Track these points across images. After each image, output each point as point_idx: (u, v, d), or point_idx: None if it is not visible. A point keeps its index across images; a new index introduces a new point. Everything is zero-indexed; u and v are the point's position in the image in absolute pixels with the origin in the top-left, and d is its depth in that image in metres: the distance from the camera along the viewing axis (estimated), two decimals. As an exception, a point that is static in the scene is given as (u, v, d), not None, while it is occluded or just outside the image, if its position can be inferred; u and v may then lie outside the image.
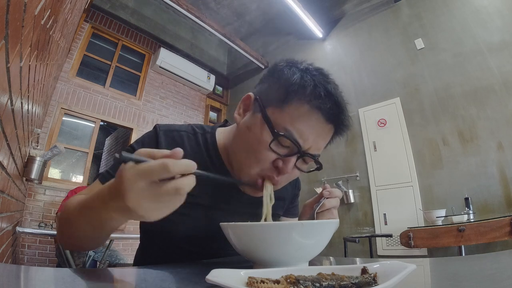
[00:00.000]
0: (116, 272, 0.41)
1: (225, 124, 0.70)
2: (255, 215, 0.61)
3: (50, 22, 1.13)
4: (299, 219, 0.59)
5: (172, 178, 0.33)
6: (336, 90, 0.50)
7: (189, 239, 0.58)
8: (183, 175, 0.33)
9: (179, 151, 0.34)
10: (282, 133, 0.48)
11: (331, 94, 0.48)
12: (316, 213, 0.52)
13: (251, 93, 0.57)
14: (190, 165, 0.33)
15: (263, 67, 4.49)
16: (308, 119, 0.48)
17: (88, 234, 0.45)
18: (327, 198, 0.52)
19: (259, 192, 0.53)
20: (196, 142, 0.61)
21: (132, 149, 0.58)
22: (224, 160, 0.61)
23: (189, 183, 0.33)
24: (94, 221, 0.41)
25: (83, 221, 0.43)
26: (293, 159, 0.50)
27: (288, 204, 0.77)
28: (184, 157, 0.34)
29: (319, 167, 0.54)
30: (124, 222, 0.40)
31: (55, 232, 1.92)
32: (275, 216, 0.71)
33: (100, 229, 0.42)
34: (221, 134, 0.64)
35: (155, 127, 0.61)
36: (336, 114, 0.49)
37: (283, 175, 0.51)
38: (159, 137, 0.58)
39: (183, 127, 0.63)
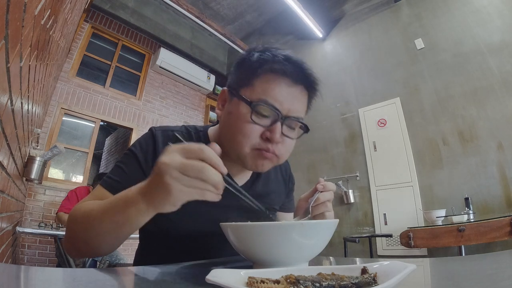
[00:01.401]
0: (116, 272, 0.41)
1: (217, 124, 0.72)
2: (253, 210, 0.62)
3: (50, 22, 1.13)
4: (294, 214, 0.61)
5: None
6: (295, 55, 0.55)
7: (188, 236, 0.59)
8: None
9: (217, 148, 0.38)
10: (257, 102, 0.52)
11: (290, 58, 0.54)
12: (311, 207, 0.53)
13: (224, 88, 0.61)
14: (220, 176, 0.37)
15: (263, 67, 4.48)
16: (277, 85, 0.53)
17: (110, 234, 0.45)
18: (321, 191, 0.53)
19: (262, 161, 0.55)
20: (190, 141, 0.63)
21: (131, 153, 0.59)
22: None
23: (216, 177, 0.36)
24: (119, 218, 0.42)
25: (107, 221, 0.43)
26: (278, 126, 0.53)
27: (284, 199, 0.78)
28: None
29: (306, 130, 0.58)
30: (147, 217, 0.41)
31: (55, 232, 1.92)
32: (272, 211, 0.72)
33: (126, 225, 0.42)
34: (212, 131, 0.67)
35: (150, 129, 0.63)
36: (300, 74, 0.54)
37: (275, 144, 0.53)
38: (156, 137, 0.60)
39: (176, 127, 0.66)
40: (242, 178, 0.68)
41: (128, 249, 3.20)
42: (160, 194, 0.37)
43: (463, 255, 2.12)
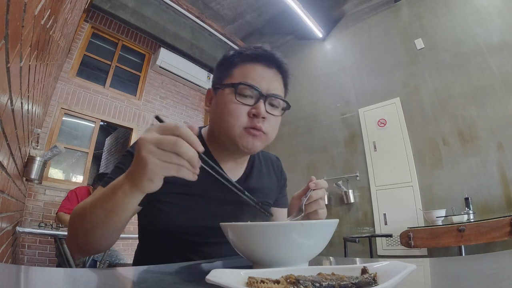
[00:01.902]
0: (116, 272, 0.41)
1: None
2: (243, 203, 0.65)
3: (50, 22, 1.13)
4: (288, 212, 0.62)
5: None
6: (265, 45, 0.63)
7: (186, 230, 0.59)
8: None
9: (196, 128, 0.39)
10: (239, 82, 0.59)
11: (261, 48, 0.62)
12: (304, 205, 0.54)
13: (209, 87, 0.69)
14: (195, 152, 0.38)
15: (263, 67, 4.48)
16: (253, 69, 0.61)
17: (104, 224, 0.45)
18: (313, 189, 0.55)
19: (252, 140, 0.59)
20: None
21: (130, 154, 0.60)
22: (213, 153, 0.66)
23: (191, 152, 0.37)
24: (108, 205, 0.43)
25: (98, 209, 0.45)
26: (262, 104, 0.59)
27: (277, 195, 0.80)
28: None
29: (287, 106, 0.64)
30: (133, 199, 0.42)
31: (55, 232, 1.92)
32: (266, 205, 0.74)
33: (115, 212, 0.44)
34: (204, 131, 0.72)
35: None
36: (272, 59, 0.62)
37: (262, 120, 0.59)
38: None
39: None
40: (236, 173, 0.70)
41: (128, 249, 3.20)
42: (139, 170, 0.38)
43: (463, 255, 2.13)
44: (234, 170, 0.69)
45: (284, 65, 0.65)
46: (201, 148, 0.38)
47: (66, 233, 1.87)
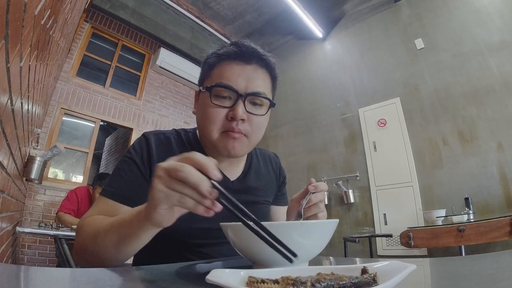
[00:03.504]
0: (116, 272, 0.41)
1: None
2: (241, 202, 0.63)
3: (50, 22, 1.13)
4: (287, 215, 0.60)
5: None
6: (243, 40, 0.60)
7: (186, 232, 0.59)
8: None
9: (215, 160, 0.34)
10: (214, 84, 0.56)
11: (237, 43, 0.59)
12: (304, 208, 0.52)
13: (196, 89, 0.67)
14: (203, 178, 0.32)
15: (263, 67, 4.48)
16: (230, 67, 0.58)
17: (117, 249, 0.45)
18: (313, 193, 0.53)
19: (232, 143, 0.57)
20: (181, 142, 0.67)
21: (129, 159, 0.60)
22: (207, 153, 0.66)
23: (196, 177, 0.32)
24: (123, 231, 0.42)
25: (113, 236, 0.44)
26: (240, 105, 0.55)
27: (277, 192, 0.80)
28: (172, 154, 0.36)
29: (272, 103, 0.61)
30: (147, 233, 0.41)
31: (55, 232, 1.91)
32: (265, 204, 0.73)
33: (129, 239, 0.42)
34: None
35: (143, 134, 0.65)
36: (250, 54, 0.58)
37: (241, 122, 0.56)
38: (150, 140, 0.62)
39: (167, 131, 0.69)
40: (234, 172, 0.69)
41: (128, 249, 3.19)
42: (149, 197, 0.36)
43: (463, 255, 2.12)
44: (230, 170, 0.68)
45: (266, 58, 0.60)
46: (216, 175, 0.33)
47: (66, 233, 1.87)
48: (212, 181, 0.33)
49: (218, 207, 0.34)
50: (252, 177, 0.71)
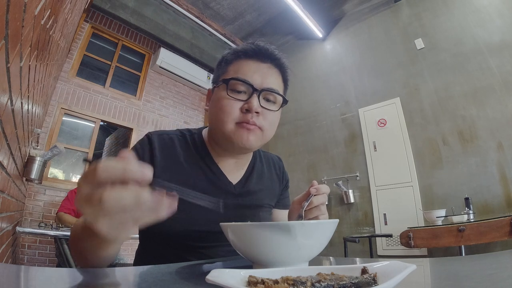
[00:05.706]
0: (116, 272, 0.41)
1: None
2: (243, 206, 0.66)
3: (50, 22, 1.13)
4: (288, 217, 0.60)
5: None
6: (259, 41, 0.62)
7: (186, 235, 0.59)
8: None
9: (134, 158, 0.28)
10: (230, 77, 0.58)
11: (253, 43, 0.61)
12: (305, 211, 0.52)
13: (209, 87, 0.69)
14: (125, 169, 0.26)
15: (263, 67, 4.48)
16: (247, 64, 0.60)
17: (93, 253, 0.41)
18: (314, 195, 0.53)
19: (246, 135, 0.57)
20: (185, 142, 0.66)
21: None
22: (213, 154, 0.65)
23: (118, 195, 0.25)
24: (90, 245, 0.38)
25: (84, 241, 0.40)
26: (255, 98, 0.57)
27: (279, 196, 0.79)
28: (176, 156, 0.34)
29: (284, 100, 0.62)
30: (105, 245, 0.36)
31: (55, 232, 1.92)
32: (267, 207, 0.73)
33: (96, 252, 0.39)
34: (205, 131, 0.70)
35: (147, 134, 0.65)
36: (266, 54, 0.61)
37: (256, 115, 0.57)
38: (153, 141, 0.62)
39: (171, 131, 0.69)
40: (236, 175, 0.68)
41: (128, 249, 3.20)
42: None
43: (463, 255, 2.12)
44: (234, 172, 0.68)
45: (280, 59, 0.63)
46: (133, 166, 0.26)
47: (66, 233, 1.87)
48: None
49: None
50: (254, 181, 0.71)
